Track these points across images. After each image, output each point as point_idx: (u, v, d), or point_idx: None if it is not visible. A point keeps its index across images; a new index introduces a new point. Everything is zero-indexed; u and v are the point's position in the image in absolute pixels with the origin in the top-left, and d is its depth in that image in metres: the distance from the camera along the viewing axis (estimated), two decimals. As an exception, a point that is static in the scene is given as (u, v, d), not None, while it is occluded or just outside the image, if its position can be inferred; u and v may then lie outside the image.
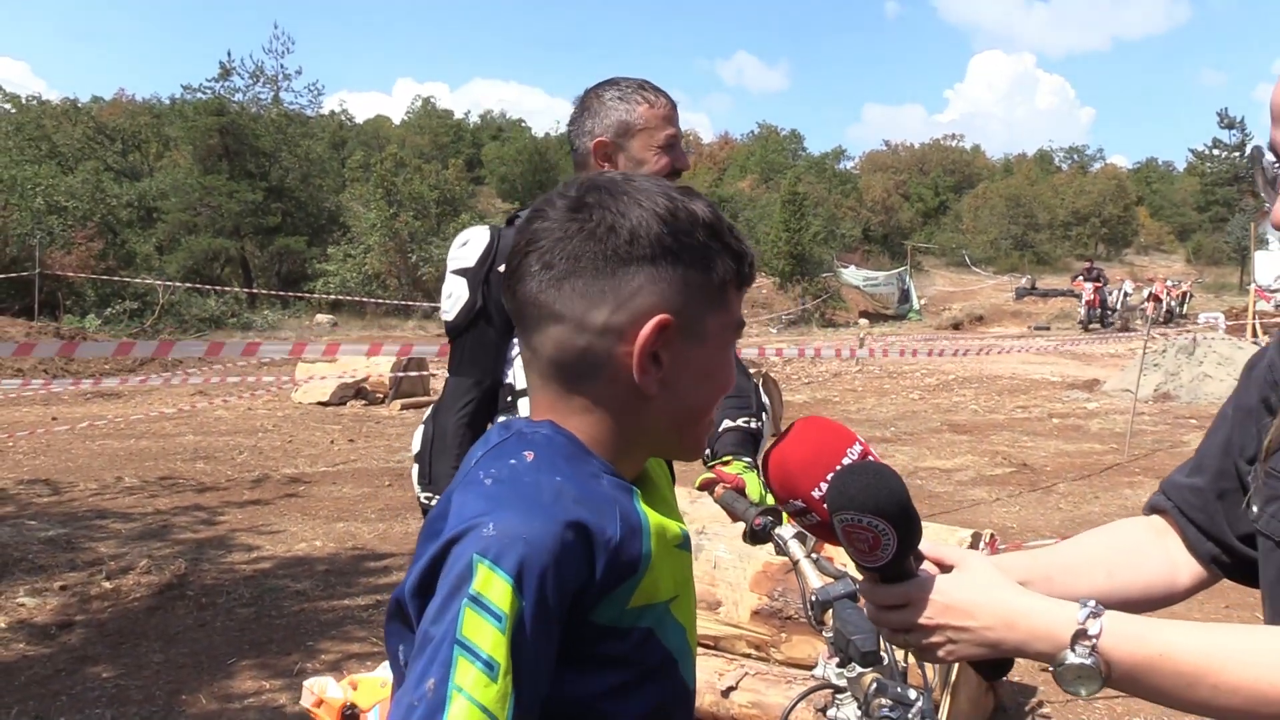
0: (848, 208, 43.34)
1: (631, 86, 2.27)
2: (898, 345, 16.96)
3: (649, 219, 0.99)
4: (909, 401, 12.92)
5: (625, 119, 2.25)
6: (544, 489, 0.95)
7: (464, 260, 2.23)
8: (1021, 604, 1.03)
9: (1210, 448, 1.23)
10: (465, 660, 0.86)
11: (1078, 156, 66.27)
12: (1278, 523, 1.07)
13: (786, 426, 1.16)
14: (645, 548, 0.99)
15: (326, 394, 12.37)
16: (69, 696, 4.00)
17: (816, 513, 1.09)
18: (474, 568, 0.88)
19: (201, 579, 5.42)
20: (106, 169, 28.78)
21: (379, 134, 52.99)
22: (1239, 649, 0.97)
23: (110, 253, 23.35)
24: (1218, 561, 1.21)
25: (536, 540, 0.90)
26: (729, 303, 1.04)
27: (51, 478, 7.95)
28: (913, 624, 1.05)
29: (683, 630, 1.06)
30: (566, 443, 1.01)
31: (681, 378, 1.01)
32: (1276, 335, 1.24)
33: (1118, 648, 0.97)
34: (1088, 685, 0.98)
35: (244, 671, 4.26)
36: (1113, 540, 1.27)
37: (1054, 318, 27.40)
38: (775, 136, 61.43)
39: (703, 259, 1.01)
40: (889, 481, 1.02)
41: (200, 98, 30.29)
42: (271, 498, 7.43)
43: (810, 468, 1.08)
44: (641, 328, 0.98)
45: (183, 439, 9.86)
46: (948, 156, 60.05)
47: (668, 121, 2.23)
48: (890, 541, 1.02)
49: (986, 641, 1.03)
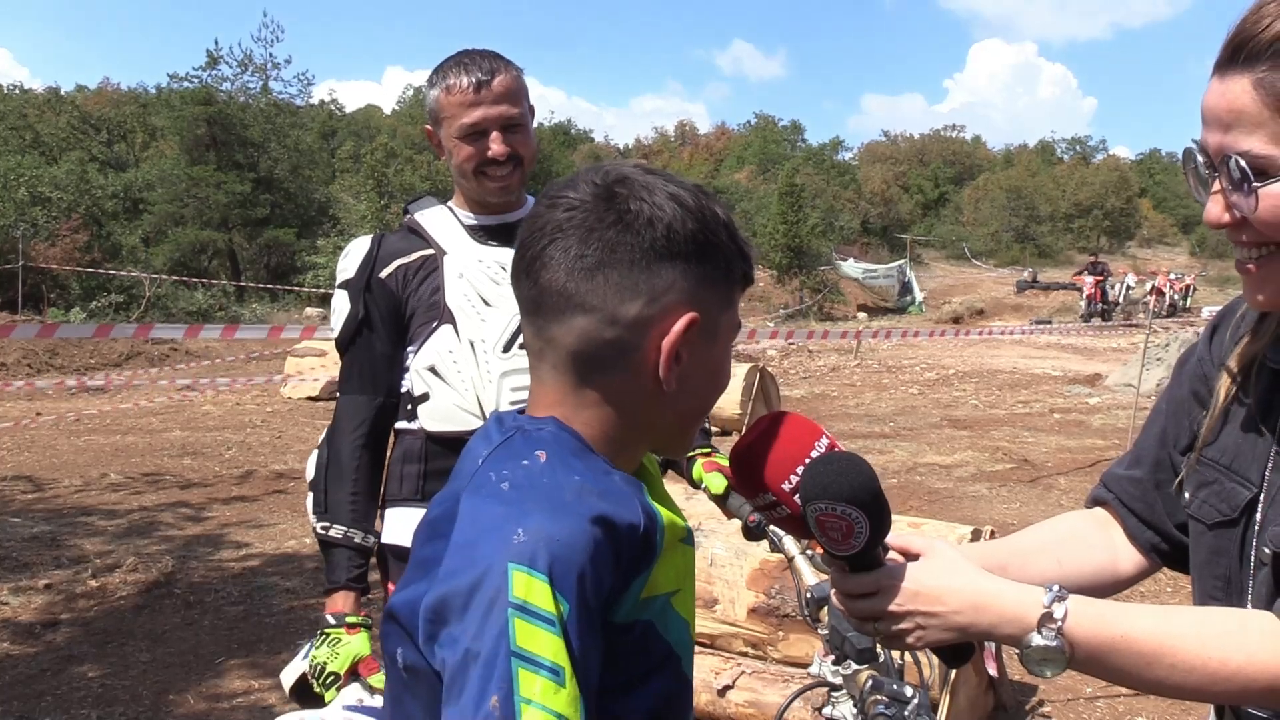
0: (846, 199, 43.25)
1: (444, 68, 2.07)
2: (896, 339, 16.94)
3: (683, 215, 0.99)
4: (908, 396, 12.88)
5: (433, 107, 2.09)
6: (565, 488, 0.94)
7: (345, 272, 2.12)
8: (989, 588, 1.07)
9: (1147, 440, 1.30)
10: (527, 671, 0.84)
11: (1080, 148, 66.10)
12: (1208, 507, 1.16)
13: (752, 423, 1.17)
14: (659, 540, 0.99)
15: (316, 389, 12.27)
16: (54, 696, 3.93)
17: (787, 506, 1.09)
18: (510, 576, 0.86)
19: (189, 577, 5.34)
20: (91, 159, 28.61)
21: (370, 124, 52.73)
22: (1194, 630, 1.03)
23: (95, 245, 23.15)
24: (1157, 550, 1.29)
25: (568, 540, 0.89)
26: (735, 303, 1.06)
27: (35, 474, 7.86)
28: (882, 611, 1.08)
29: (684, 624, 1.05)
30: (573, 439, 1.00)
31: (695, 375, 1.02)
32: (1204, 330, 1.30)
33: (1081, 629, 1.03)
34: (1053, 666, 1.04)
35: (233, 671, 4.19)
36: (1061, 531, 1.33)
37: (1055, 311, 27.37)
38: (773, 127, 61.34)
39: (723, 259, 1.02)
40: (861, 470, 1.05)
41: (187, 87, 30.07)
42: (260, 494, 7.35)
43: (780, 461, 1.09)
44: (669, 323, 0.98)
45: (170, 434, 9.77)
46: (948, 147, 59.97)
47: (470, 107, 2.01)
48: (863, 529, 1.05)
49: (955, 626, 1.07)
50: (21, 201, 21.83)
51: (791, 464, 1.09)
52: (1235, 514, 1.14)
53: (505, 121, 2.03)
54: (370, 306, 2.08)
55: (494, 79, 2.02)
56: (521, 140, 2.07)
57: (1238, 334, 1.22)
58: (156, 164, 30.53)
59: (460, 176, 2.10)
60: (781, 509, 1.10)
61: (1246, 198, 1.01)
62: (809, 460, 1.09)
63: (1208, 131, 1.04)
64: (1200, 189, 1.08)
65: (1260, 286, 1.06)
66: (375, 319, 2.08)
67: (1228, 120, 1.01)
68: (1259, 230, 1.02)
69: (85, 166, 26.33)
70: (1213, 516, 1.16)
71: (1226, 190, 1.03)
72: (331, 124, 48.45)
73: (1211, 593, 1.17)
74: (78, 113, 32.49)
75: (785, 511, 1.10)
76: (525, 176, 2.12)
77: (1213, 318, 1.32)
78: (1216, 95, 1.02)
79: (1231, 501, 1.14)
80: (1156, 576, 2.28)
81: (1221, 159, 1.03)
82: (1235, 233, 1.05)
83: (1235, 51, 1.01)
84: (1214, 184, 1.05)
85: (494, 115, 2.02)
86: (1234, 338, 1.23)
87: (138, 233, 27.44)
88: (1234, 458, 1.16)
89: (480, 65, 2.03)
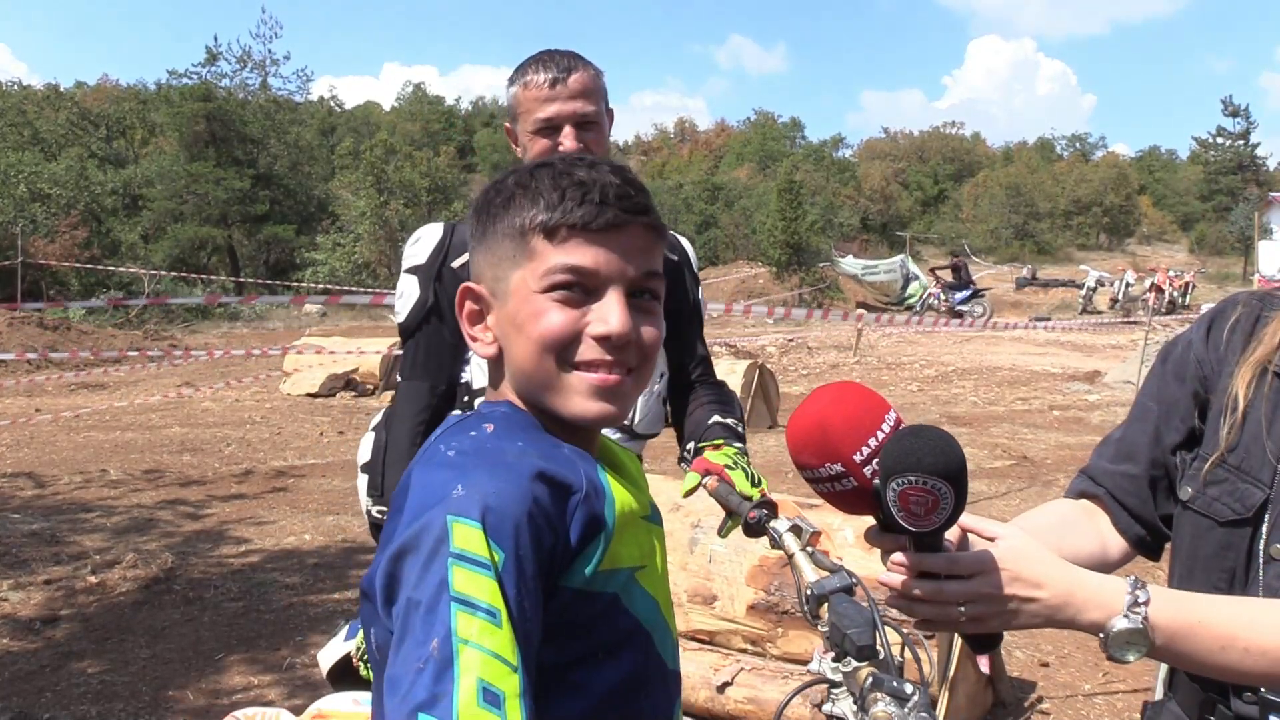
0: (846, 196, 43.23)
1: (524, 65, 2.09)
2: (896, 335, 16.95)
3: (474, 202, 1.11)
4: (908, 393, 12.88)
5: (510, 103, 2.12)
6: (508, 451, 0.98)
7: (416, 258, 2.12)
8: (1078, 575, 1.12)
9: (1139, 438, 1.36)
10: (464, 613, 0.87)
11: (1079, 144, 66.04)
12: (1219, 505, 1.22)
13: (809, 394, 1.15)
14: (610, 510, 1.00)
15: (315, 385, 12.28)
16: (54, 693, 3.93)
17: (855, 478, 1.08)
18: (449, 527, 0.90)
19: (189, 573, 5.34)
20: (91, 156, 28.62)
21: (369, 120, 52.76)
22: (1266, 617, 1.10)
23: (95, 241, 23.20)
24: (1142, 541, 1.36)
25: (504, 493, 0.92)
26: (540, 252, 1.02)
27: (35, 470, 7.86)
28: (980, 594, 1.09)
29: (653, 602, 1.06)
30: (525, 418, 1.05)
31: (507, 336, 1.06)
32: (1197, 328, 1.34)
33: (1162, 614, 1.08)
34: (1136, 650, 1.08)
35: (232, 667, 4.19)
36: (1057, 517, 1.39)
37: (1055, 308, 27.35)
38: (773, 124, 61.29)
39: (509, 219, 1.05)
40: (952, 445, 1.05)
41: (186, 83, 30.10)
42: (259, 491, 7.36)
43: (852, 432, 1.08)
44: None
45: (169, 431, 9.77)
46: (947, 144, 59.96)
47: (545, 102, 2.04)
48: (949, 504, 1.04)
49: (1048, 609, 1.10)
50: (21, 198, 21.86)
51: (864, 435, 1.08)
52: (1249, 513, 1.20)
53: (579, 118, 2.05)
54: (440, 295, 2.07)
55: (570, 75, 2.04)
56: (595, 139, 2.08)
57: (1234, 336, 1.27)
58: (156, 160, 30.53)
59: None
60: (847, 481, 1.09)
61: None
62: (880, 433, 1.08)
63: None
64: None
65: None
66: (444, 307, 2.06)
67: None
68: None
69: (84, 163, 26.35)
70: (1225, 514, 1.22)
71: None
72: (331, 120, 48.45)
73: (1217, 585, 1.22)
74: (77, 109, 32.49)
75: (850, 484, 1.09)
76: None
77: (1205, 315, 1.35)
78: None
79: (1246, 501, 1.21)
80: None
81: None
82: None
83: None
84: None
85: (568, 111, 2.03)
86: (1233, 340, 1.28)
87: (137, 229, 27.48)
88: (1243, 459, 1.22)
89: (558, 62, 2.05)
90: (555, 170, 1.03)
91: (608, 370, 1.02)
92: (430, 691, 0.84)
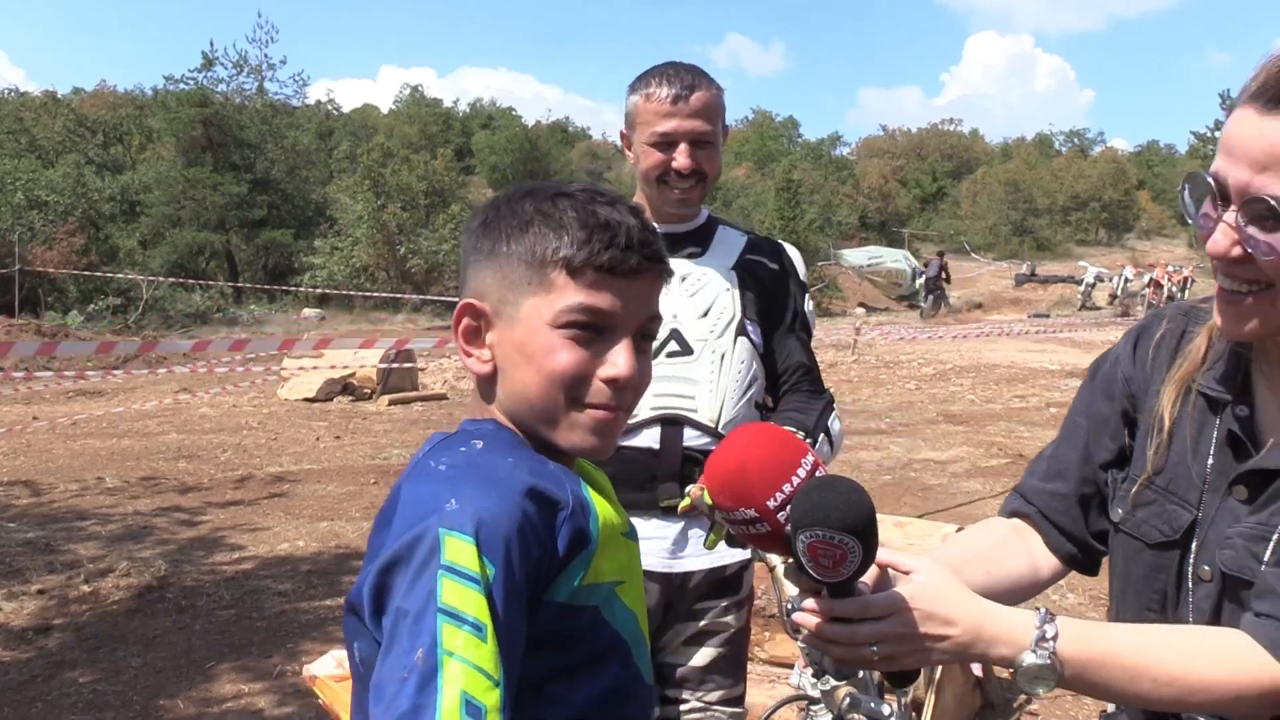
0: (844, 194, 43.24)
1: (648, 75, 2.16)
2: (894, 334, 16.94)
3: (477, 212, 1.14)
4: (905, 392, 12.88)
5: (629, 110, 2.18)
6: (499, 467, 1.00)
7: None
8: (987, 611, 1.11)
9: (1069, 456, 1.36)
10: (451, 625, 0.88)
11: (1078, 140, 66.15)
12: (1148, 527, 1.22)
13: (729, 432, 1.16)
14: (594, 525, 1.03)
15: (313, 390, 12.27)
16: (44, 703, 3.94)
17: (768, 523, 1.07)
18: (441, 540, 0.92)
19: (182, 581, 5.35)
20: (88, 162, 28.65)
21: (366, 123, 52.76)
22: (1174, 648, 1.10)
23: (93, 248, 23.21)
24: (1074, 559, 1.36)
25: (497, 509, 0.94)
26: (558, 285, 1.04)
27: (31, 478, 7.87)
28: (892, 634, 1.09)
29: (632, 616, 1.08)
30: (511, 436, 1.08)
31: (507, 356, 1.07)
32: (1124, 345, 1.33)
33: (1070, 647, 1.08)
34: (1045, 684, 1.08)
35: (223, 675, 4.19)
36: (985, 543, 1.39)
37: (1054, 304, 27.38)
38: (770, 123, 61.30)
39: (522, 245, 1.07)
40: (860, 500, 1.03)
41: (183, 89, 30.09)
42: (255, 497, 7.36)
43: (769, 476, 1.07)
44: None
45: (166, 437, 9.77)
46: (945, 141, 60.01)
47: (665, 117, 2.10)
48: (855, 559, 1.03)
49: (959, 646, 1.10)
50: (18, 205, 21.88)
51: (779, 481, 1.07)
52: (1177, 535, 1.20)
53: (695, 136, 2.11)
54: None
55: (693, 94, 2.10)
56: (708, 157, 2.14)
57: (1160, 353, 1.26)
58: (153, 166, 30.53)
59: (644, 183, 2.18)
60: (761, 525, 1.08)
61: (1266, 238, 1.01)
62: (795, 479, 1.07)
63: (1232, 164, 1.03)
64: (1199, 214, 1.09)
65: (1248, 319, 1.09)
66: None
67: (1264, 162, 1.00)
68: (1263, 269, 1.04)
69: (82, 170, 26.37)
70: (1154, 536, 1.22)
71: (1240, 226, 1.03)
72: (329, 124, 48.45)
73: (1149, 606, 1.23)
74: (74, 116, 32.50)
75: (765, 529, 1.08)
76: (706, 192, 2.19)
77: (1132, 330, 1.34)
78: (1255, 133, 1.01)
79: (1173, 523, 1.20)
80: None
81: (1246, 196, 1.02)
82: (1234, 266, 1.06)
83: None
84: (1220, 214, 1.05)
85: (685, 129, 2.09)
86: (1158, 357, 1.27)
87: (135, 235, 27.48)
88: (1170, 480, 1.22)
89: (682, 78, 2.11)
90: (578, 203, 1.04)
91: (610, 410, 1.06)
92: (413, 701, 0.87)
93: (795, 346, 2.30)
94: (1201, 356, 1.21)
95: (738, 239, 2.28)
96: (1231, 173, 1.03)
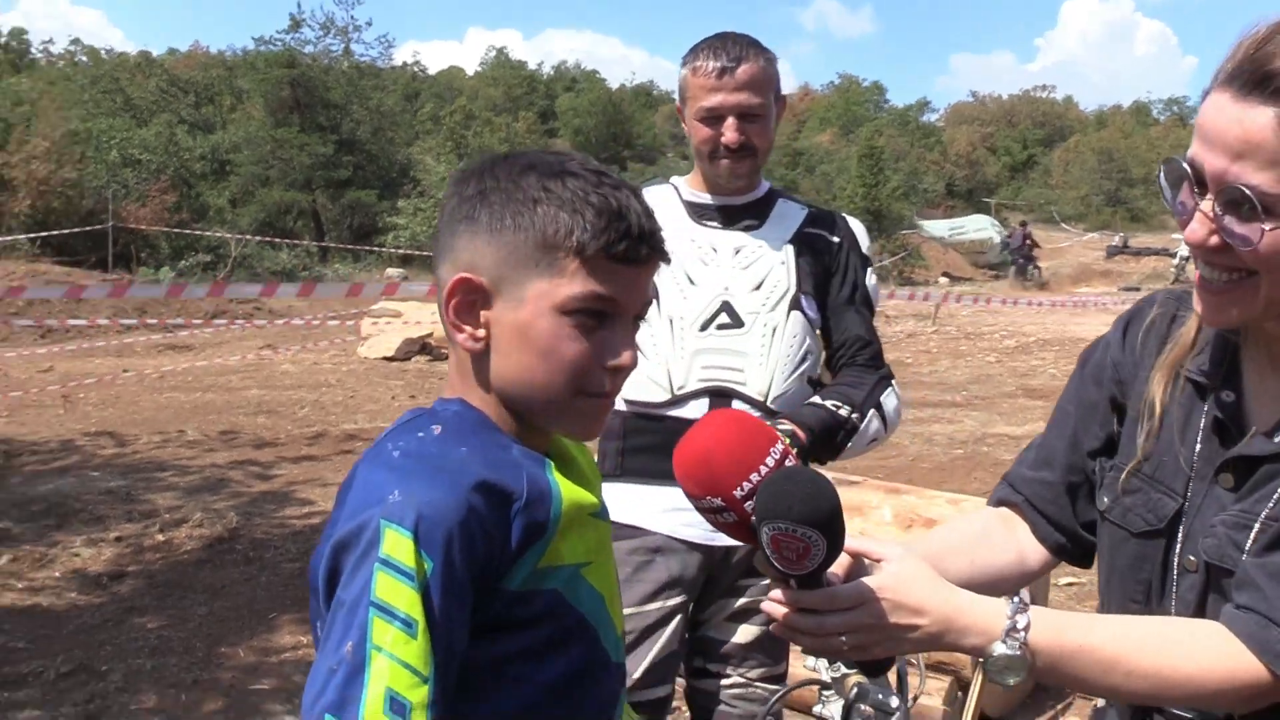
0: (931, 162, 42.30)
1: (697, 48, 2.11)
2: (977, 305, 16.56)
3: (465, 175, 1.09)
4: (984, 364, 12.58)
5: (680, 85, 2.15)
6: (450, 458, 0.98)
7: None
8: (958, 600, 1.09)
9: (1057, 443, 1.32)
10: (382, 620, 0.89)
11: (1177, 108, 63.53)
12: (1134, 516, 1.19)
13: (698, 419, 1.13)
14: (554, 511, 1.01)
15: (392, 349, 12.46)
16: (113, 646, 4.08)
17: (734, 512, 1.05)
18: (381, 532, 0.92)
19: (252, 533, 5.49)
20: (180, 122, 29.40)
21: (452, 85, 53.16)
22: (1149, 640, 1.07)
23: (184, 205, 23.90)
24: (1063, 549, 1.33)
25: (439, 503, 0.93)
26: (568, 270, 1.02)
27: (117, 430, 8.14)
28: (861, 625, 1.07)
29: (599, 597, 1.07)
30: (476, 416, 1.05)
31: (504, 337, 1.04)
32: (1115, 330, 1.30)
33: (1042, 638, 1.06)
34: (1015, 674, 1.06)
35: (284, 626, 4.30)
36: (971, 532, 1.36)
37: (1146, 277, 26.39)
38: (856, 88, 60.23)
39: (532, 223, 1.03)
40: (825, 492, 1.02)
41: (271, 50, 30.65)
42: (328, 453, 7.51)
43: (736, 465, 1.04)
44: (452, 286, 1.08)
45: (247, 392, 10.03)
46: (1037, 108, 58.31)
47: (712, 91, 2.05)
48: (819, 553, 1.02)
49: (929, 635, 1.08)
50: (113, 163, 22.61)
51: (746, 470, 1.05)
52: (1162, 524, 1.17)
53: (743, 110, 2.07)
54: None
55: (739, 66, 2.05)
56: (758, 130, 2.10)
57: (1150, 339, 1.23)
58: (242, 126, 31.24)
59: (696, 156, 2.16)
60: (728, 514, 1.06)
61: (1243, 228, 1.00)
62: (764, 468, 1.05)
63: (1208, 151, 1.01)
64: (1176, 201, 1.08)
65: (1228, 307, 1.07)
66: None
67: (1239, 149, 0.99)
68: (1242, 258, 1.02)
69: (174, 129, 27.11)
70: (1139, 525, 1.19)
71: (1216, 214, 1.02)
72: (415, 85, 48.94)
73: (1133, 596, 1.20)
74: (167, 76, 33.38)
75: (732, 518, 1.06)
76: (758, 165, 2.16)
77: (1123, 316, 1.30)
78: (1231, 119, 1.00)
79: (1159, 512, 1.17)
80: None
81: (1222, 185, 1.01)
82: (1213, 254, 1.04)
83: (1264, 80, 0.97)
84: (1196, 201, 1.05)
85: (732, 103, 2.05)
86: (1148, 343, 1.24)
87: (225, 194, 28.20)
88: (1156, 468, 1.19)
89: (729, 50, 2.07)
90: (588, 185, 1.01)
91: (609, 397, 1.06)
92: (340, 694, 0.88)
93: (854, 320, 2.24)
94: (1191, 341, 1.18)
95: (797, 212, 2.23)
96: (1207, 160, 1.02)
